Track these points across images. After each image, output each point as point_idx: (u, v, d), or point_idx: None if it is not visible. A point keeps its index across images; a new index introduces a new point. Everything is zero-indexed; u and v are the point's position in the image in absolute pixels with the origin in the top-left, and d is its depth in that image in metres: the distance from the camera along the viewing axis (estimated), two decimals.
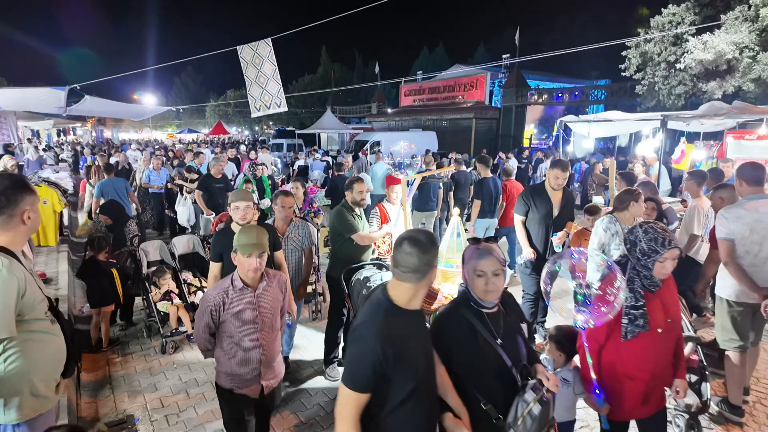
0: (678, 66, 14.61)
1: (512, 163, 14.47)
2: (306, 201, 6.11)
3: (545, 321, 4.66)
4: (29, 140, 17.81)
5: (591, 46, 11.87)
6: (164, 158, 10.43)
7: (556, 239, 4.17)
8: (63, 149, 20.29)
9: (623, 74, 17.05)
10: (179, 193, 7.88)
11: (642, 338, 2.18)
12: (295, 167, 13.87)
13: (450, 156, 15.41)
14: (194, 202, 7.51)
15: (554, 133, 19.60)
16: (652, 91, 15.97)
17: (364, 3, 7.64)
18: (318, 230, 5.35)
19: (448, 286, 4.18)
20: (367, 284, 3.72)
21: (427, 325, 1.85)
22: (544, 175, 5.05)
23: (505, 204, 6.41)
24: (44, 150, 16.34)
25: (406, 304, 1.69)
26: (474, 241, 2.05)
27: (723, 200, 3.80)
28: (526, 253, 4.37)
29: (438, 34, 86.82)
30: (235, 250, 2.38)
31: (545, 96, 24.17)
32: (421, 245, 1.62)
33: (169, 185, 8.41)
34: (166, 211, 8.44)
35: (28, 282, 1.80)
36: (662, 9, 15.52)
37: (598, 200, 8.41)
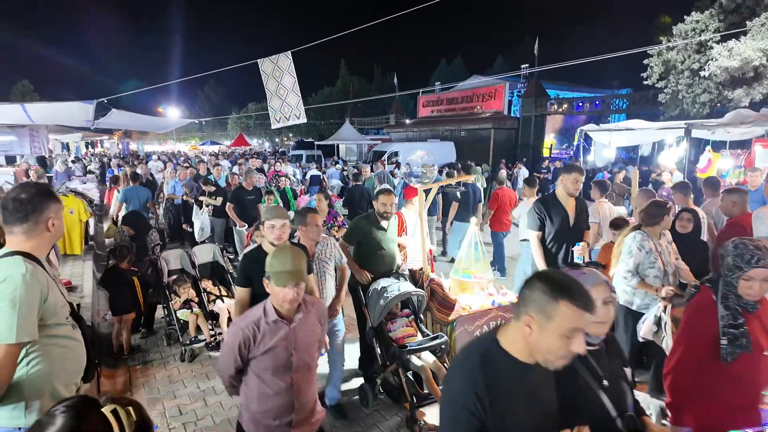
0: (702, 74, 14.30)
1: (523, 173, 14.35)
2: (330, 214, 5.94)
3: None
4: (59, 154, 18.44)
5: (611, 55, 11.74)
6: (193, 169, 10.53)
7: (579, 250, 3.91)
8: (91, 161, 20.95)
9: (645, 83, 16.78)
10: (195, 205, 7.82)
11: (744, 360, 2.00)
12: (307, 177, 13.82)
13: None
14: (211, 215, 7.54)
15: (575, 143, 19.36)
16: (676, 100, 15.66)
17: (381, 16, 7.72)
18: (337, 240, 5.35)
19: (465, 296, 4.14)
20: (384, 294, 3.65)
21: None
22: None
23: (492, 211, 7.07)
24: (72, 162, 16.90)
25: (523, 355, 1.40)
26: (574, 266, 1.83)
27: (735, 204, 4.13)
28: None
29: (456, 45, 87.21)
30: (268, 276, 2.05)
31: (565, 105, 23.93)
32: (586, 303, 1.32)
33: (184, 197, 8.42)
34: (184, 225, 8.42)
35: (51, 287, 1.84)
36: (685, 16, 15.27)
37: (619, 210, 8.24)
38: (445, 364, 3.53)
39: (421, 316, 3.97)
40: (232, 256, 7.01)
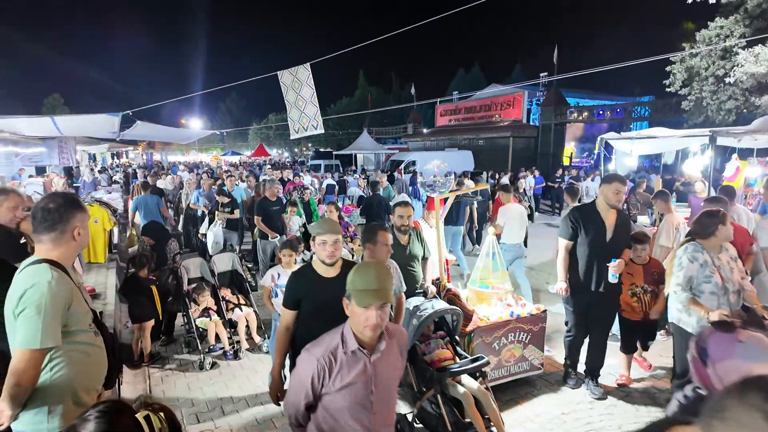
0: (727, 80, 13.98)
1: (529, 181, 14.19)
2: (342, 225, 5.71)
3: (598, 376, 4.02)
4: (86, 165, 19.02)
5: (632, 63, 11.57)
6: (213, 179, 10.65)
7: (614, 267, 3.59)
8: (116, 171, 21.53)
9: (667, 90, 16.48)
10: (207, 217, 7.75)
11: None
12: (323, 186, 13.91)
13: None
14: (225, 227, 7.46)
15: (595, 152, 19.09)
16: (700, 107, 15.32)
17: (400, 26, 7.78)
18: (353, 257, 5.17)
19: (483, 307, 4.09)
20: (418, 313, 3.46)
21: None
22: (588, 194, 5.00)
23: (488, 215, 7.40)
24: (99, 172, 17.41)
25: None
26: (724, 326, 1.55)
27: (657, 204, 4.60)
28: (559, 286, 3.86)
29: (474, 55, 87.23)
30: (348, 295, 1.79)
31: (585, 114, 23.64)
32: None
33: (204, 208, 8.35)
34: (199, 234, 8.24)
35: (75, 295, 1.89)
36: (708, 23, 14.98)
37: (642, 220, 8.06)
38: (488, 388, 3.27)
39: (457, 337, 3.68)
40: (250, 265, 7.06)
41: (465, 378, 3.25)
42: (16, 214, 2.98)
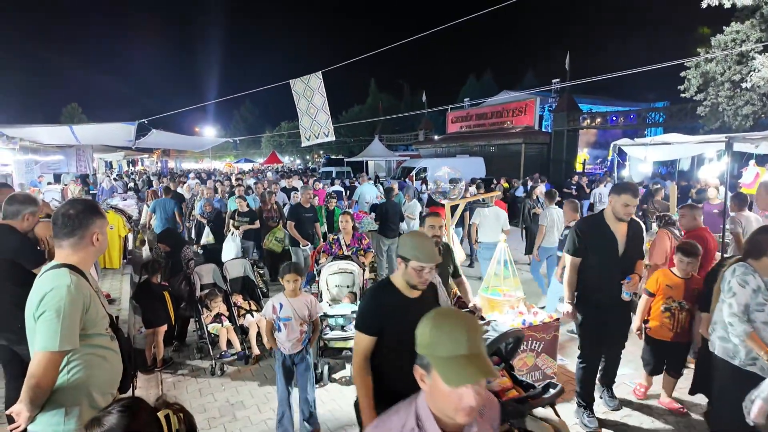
0: (744, 85, 13.76)
1: (540, 188, 14.03)
2: (355, 237, 5.45)
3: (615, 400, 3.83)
4: (103, 173, 19.39)
5: (646, 68, 11.47)
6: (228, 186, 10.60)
7: (629, 286, 3.31)
8: (131, 179, 21.90)
9: (682, 95, 16.28)
10: (206, 227, 7.59)
11: None
12: (331, 191, 13.77)
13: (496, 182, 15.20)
14: (243, 237, 7.29)
15: (609, 158, 18.90)
16: (716, 113, 15.09)
17: (410, 34, 7.83)
18: (364, 270, 4.92)
19: (495, 315, 4.06)
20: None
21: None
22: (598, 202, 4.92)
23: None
24: (114, 179, 17.73)
25: None
26: None
27: (684, 216, 4.44)
28: (565, 308, 3.55)
29: (485, 61, 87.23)
30: (426, 363, 1.29)
31: (598, 120, 23.44)
32: None
33: (200, 218, 8.17)
34: (195, 246, 7.87)
35: (93, 299, 1.93)
36: (724, 27, 14.80)
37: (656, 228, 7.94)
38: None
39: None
40: (262, 271, 7.07)
41: (540, 410, 2.85)
42: (33, 221, 3.05)
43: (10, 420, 1.90)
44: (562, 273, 4.38)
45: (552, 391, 2.68)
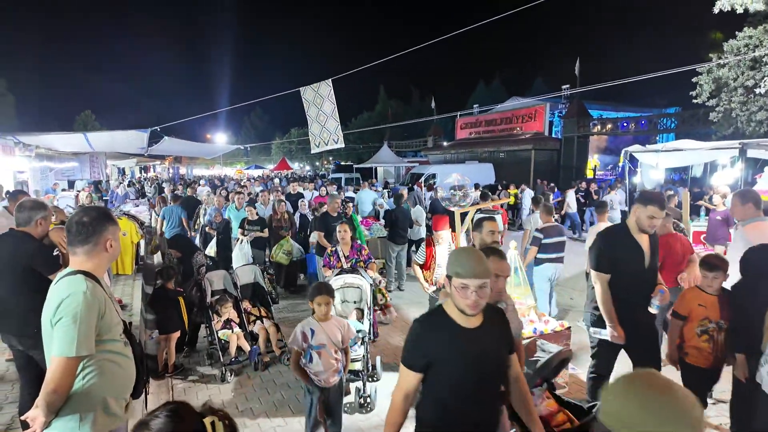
0: (757, 91, 13.62)
1: (528, 194, 13.96)
2: (354, 248, 5.02)
3: None
4: (116, 179, 19.70)
5: (657, 74, 11.40)
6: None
7: (662, 299, 3.10)
8: (143, 185, 22.20)
9: (694, 101, 16.14)
10: (215, 239, 7.39)
11: None
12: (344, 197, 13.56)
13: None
14: (252, 245, 7.15)
15: (620, 164, 18.75)
16: (729, 118, 14.94)
17: (419, 42, 7.88)
18: (372, 288, 4.63)
19: None
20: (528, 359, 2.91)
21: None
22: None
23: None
24: (128, 186, 18.00)
25: None
26: None
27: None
28: (612, 333, 3.14)
29: (494, 68, 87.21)
30: None
31: (609, 126, 23.30)
32: None
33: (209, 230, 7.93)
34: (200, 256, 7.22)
35: (107, 305, 1.95)
36: (736, 32, 14.67)
37: None
38: None
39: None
40: (272, 277, 7.08)
41: None
42: (46, 225, 3.10)
43: (25, 425, 1.94)
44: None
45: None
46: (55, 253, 3.04)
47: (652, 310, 3.18)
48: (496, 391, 2.01)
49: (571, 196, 13.21)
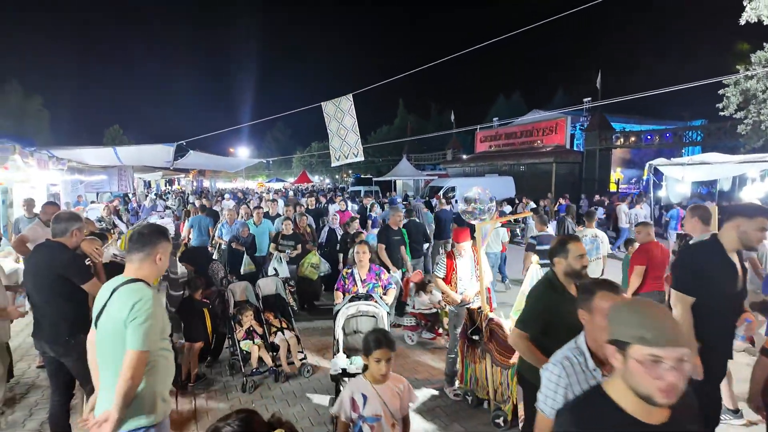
0: None
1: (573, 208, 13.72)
2: (372, 271, 4.56)
3: None
4: (142, 191, 20.25)
5: (683, 86, 11.20)
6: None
7: (748, 328, 2.82)
8: (168, 197, 22.75)
9: (721, 114, 15.77)
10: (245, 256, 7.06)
11: None
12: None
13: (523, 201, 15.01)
14: (289, 262, 6.92)
15: (644, 177, 18.41)
16: (758, 131, 14.54)
17: (439, 56, 7.95)
18: (389, 314, 4.22)
19: None
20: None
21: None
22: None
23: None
24: (154, 198, 18.49)
25: None
26: None
27: (639, 232, 5.08)
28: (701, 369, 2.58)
29: (514, 81, 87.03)
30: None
31: (632, 139, 22.94)
32: None
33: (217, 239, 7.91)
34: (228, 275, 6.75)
35: (162, 308, 2.24)
36: (764, 44, 14.35)
37: None
38: None
39: None
40: (293, 289, 7.06)
41: None
42: (80, 236, 3.22)
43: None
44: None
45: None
46: (87, 263, 3.15)
47: (739, 342, 2.92)
48: None
49: (622, 210, 12.77)
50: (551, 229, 7.00)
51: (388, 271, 5.89)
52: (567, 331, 2.13)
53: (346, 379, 3.54)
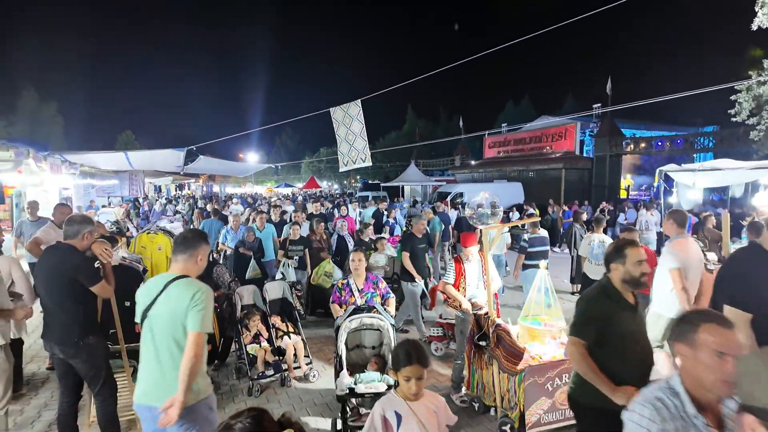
0: None
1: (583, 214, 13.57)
2: (369, 280, 4.38)
3: None
4: (153, 195, 20.47)
5: (694, 92, 11.10)
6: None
7: None
8: (179, 202, 22.95)
9: (733, 120, 15.60)
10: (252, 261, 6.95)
11: None
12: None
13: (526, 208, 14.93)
14: (296, 268, 6.99)
15: (655, 184, 18.23)
16: None
17: (448, 61, 7.97)
18: (394, 329, 3.93)
19: (535, 345, 3.93)
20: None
21: None
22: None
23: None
24: (164, 203, 18.68)
25: None
26: None
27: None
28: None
29: (523, 87, 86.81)
30: None
31: (643, 145, 22.75)
32: None
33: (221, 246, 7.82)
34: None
35: None
36: None
37: (711, 257, 7.53)
38: None
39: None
40: (300, 293, 7.05)
41: None
42: (91, 239, 3.25)
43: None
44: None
45: None
46: (96, 265, 3.18)
47: None
48: None
49: (643, 214, 12.53)
50: (544, 232, 6.95)
51: (414, 280, 5.93)
52: (622, 342, 2.10)
53: (353, 399, 3.40)
